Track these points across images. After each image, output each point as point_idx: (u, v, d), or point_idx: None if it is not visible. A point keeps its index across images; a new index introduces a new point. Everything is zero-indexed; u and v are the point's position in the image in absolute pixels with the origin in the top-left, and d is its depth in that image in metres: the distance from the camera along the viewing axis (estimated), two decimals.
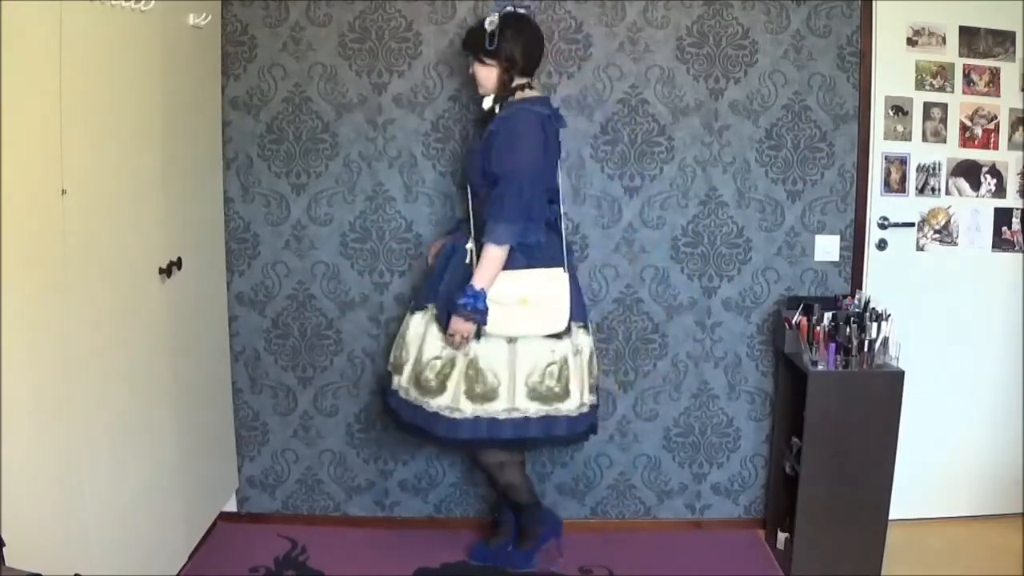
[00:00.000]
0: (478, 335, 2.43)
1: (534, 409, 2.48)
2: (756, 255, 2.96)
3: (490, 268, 2.40)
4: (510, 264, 2.43)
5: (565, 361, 2.50)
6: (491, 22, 2.40)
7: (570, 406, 2.51)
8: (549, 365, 2.48)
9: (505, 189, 2.36)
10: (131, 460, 2.20)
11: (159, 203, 2.35)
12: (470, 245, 2.50)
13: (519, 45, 2.44)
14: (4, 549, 1.49)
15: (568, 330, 2.50)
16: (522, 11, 2.49)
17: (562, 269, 2.50)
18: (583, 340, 2.58)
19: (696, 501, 3.10)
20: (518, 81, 2.49)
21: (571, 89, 2.86)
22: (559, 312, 2.47)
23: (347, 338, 2.99)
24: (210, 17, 2.60)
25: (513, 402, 2.47)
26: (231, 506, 3.07)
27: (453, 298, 2.40)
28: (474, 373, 2.46)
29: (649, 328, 2.99)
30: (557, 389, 2.48)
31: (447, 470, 3.06)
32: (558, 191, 2.56)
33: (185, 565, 2.64)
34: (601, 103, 2.87)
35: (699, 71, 2.86)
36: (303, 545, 2.91)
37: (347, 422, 3.04)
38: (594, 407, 2.64)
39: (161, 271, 2.33)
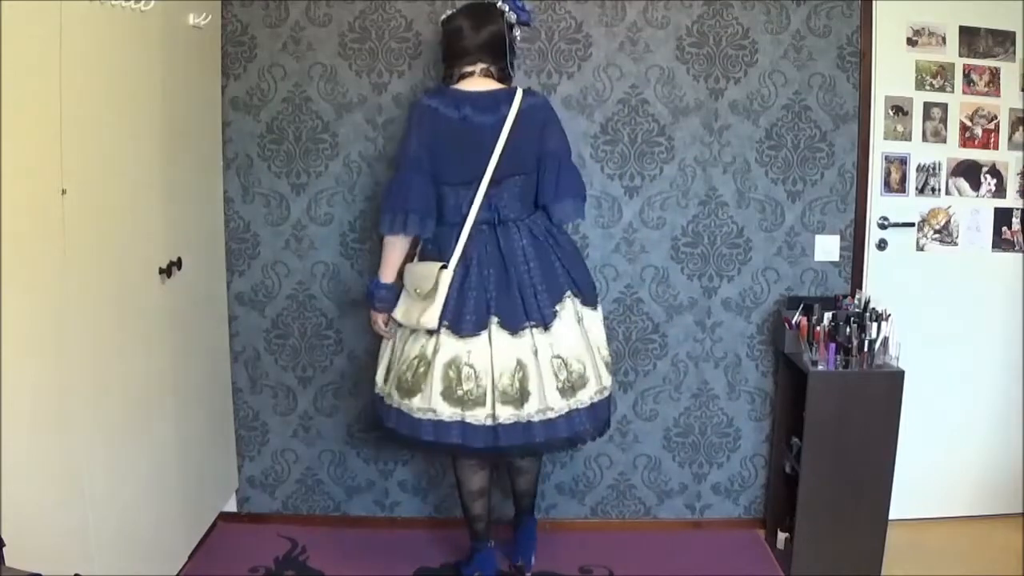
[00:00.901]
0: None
1: (506, 414, 2.32)
2: (756, 255, 2.96)
3: (383, 256, 2.45)
4: (420, 255, 2.46)
5: (519, 363, 2.32)
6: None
7: (529, 410, 2.32)
8: (516, 366, 2.33)
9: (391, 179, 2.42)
10: (131, 460, 2.20)
11: (159, 203, 2.35)
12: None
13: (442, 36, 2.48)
14: (4, 549, 1.49)
15: (522, 328, 2.33)
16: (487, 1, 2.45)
17: (440, 264, 2.34)
18: (541, 340, 2.34)
19: (696, 501, 3.10)
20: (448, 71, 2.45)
21: (571, 89, 2.86)
22: (431, 308, 2.31)
23: (347, 338, 2.99)
24: (210, 17, 2.60)
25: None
26: (231, 506, 3.07)
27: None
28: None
29: (649, 328, 2.99)
30: (511, 392, 2.32)
31: (447, 470, 3.06)
32: (469, 183, 2.35)
33: (185, 565, 2.64)
34: (601, 103, 2.87)
35: (699, 71, 2.86)
36: (303, 545, 2.91)
37: (347, 422, 3.04)
38: (569, 413, 2.37)
39: (161, 271, 2.33)
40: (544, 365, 2.34)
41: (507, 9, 2.42)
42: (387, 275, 2.44)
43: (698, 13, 2.84)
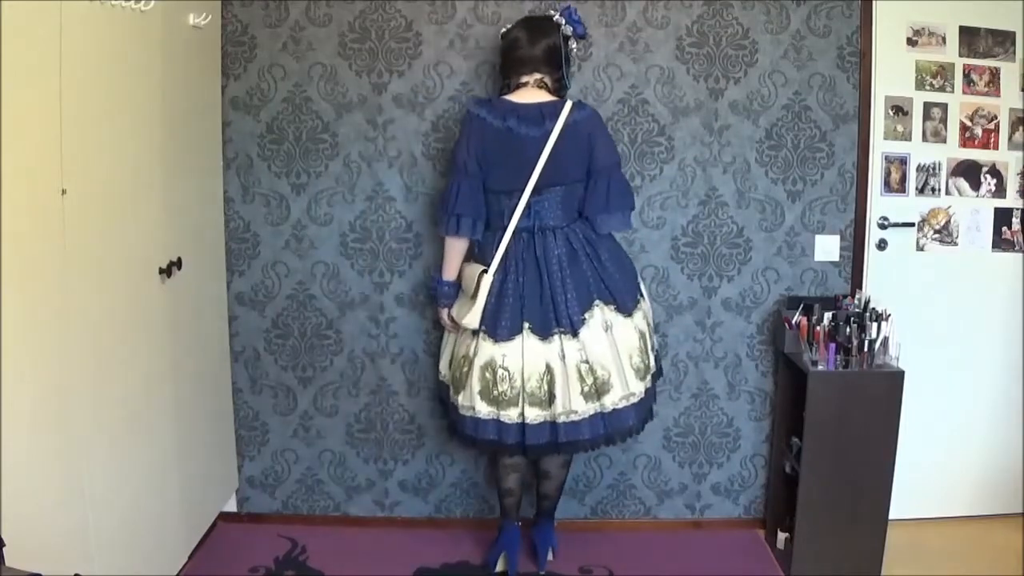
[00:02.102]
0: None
1: (533, 415, 2.45)
2: (756, 255, 2.96)
3: (444, 254, 2.61)
4: (472, 258, 2.61)
5: (548, 367, 2.45)
6: None
7: (555, 411, 2.45)
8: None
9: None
10: (131, 460, 2.19)
11: (159, 203, 2.35)
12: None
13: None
14: (4, 549, 1.49)
15: (551, 334, 2.45)
16: (544, 14, 2.62)
17: (481, 267, 2.50)
18: (569, 346, 2.45)
19: (696, 501, 3.10)
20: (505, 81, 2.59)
21: (571, 89, 2.85)
22: (474, 310, 2.47)
23: (347, 338, 2.99)
24: (210, 17, 2.60)
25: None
26: (231, 506, 3.07)
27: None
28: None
29: None
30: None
31: (447, 470, 3.07)
32: (510, 192, 2.47)
33: (185, 565, 2.64)
34: (601, 103, 2.87)
35: (699, 71, 2.86)
36: (303, 545, 2.91)
37: (347, 422, 3.04)
38: (592, 417, 2.47)
39: (161, 271, 2.33)
40: (571, 370, 2.45)
41: (564, 23, 2.53)
42: (447, 273, 2.62)
43: (698, 13, 2.84)
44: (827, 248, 2.96)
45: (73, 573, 1.73)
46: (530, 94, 2.48)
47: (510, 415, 2.46)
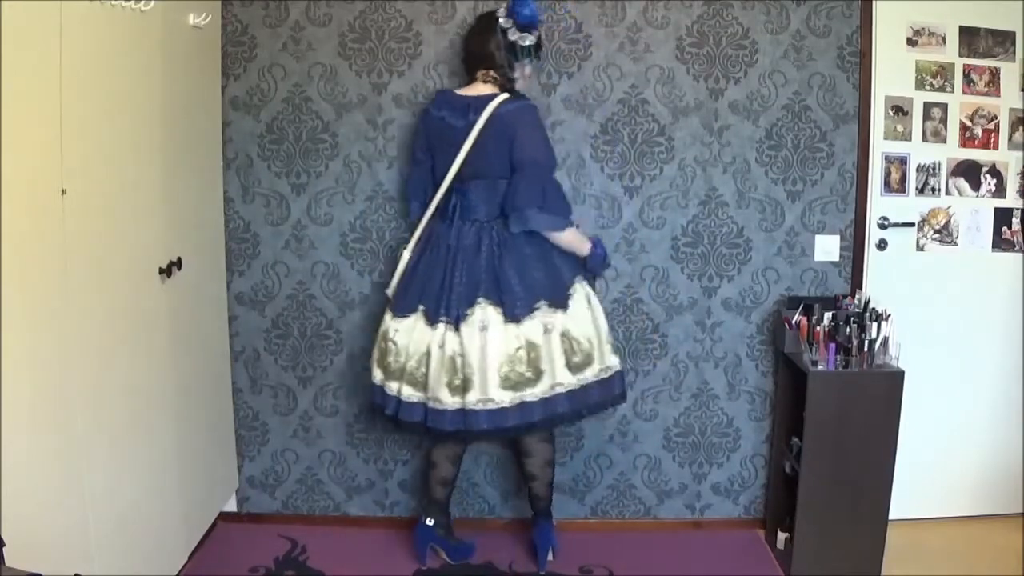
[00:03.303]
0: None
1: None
2: (756, 255, 2.96)
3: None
4: None
5: (428, 351, 2.48)
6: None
7: (427, 394, 2.49)
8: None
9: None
10: (131, 460, 2.20)
11: (159, 203, 2.35)
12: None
13: None
14: (4, 549, 1.49)
15: (438, 321, 2.48)
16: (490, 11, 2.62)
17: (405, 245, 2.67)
18: (449, 337, 2.47)
19: (696, 501, 3.10)
20: None
21: (571, 89, 2.86)
22: (392, 281, 2.67)
23: (347, 338, 2.99)
24: (210, 17, 2.60)
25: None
26: (231, 506, 3.07)
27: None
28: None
29: (649, 328, 2.99)
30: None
31: None
32: (444, 180, 2.56)
33: (185, 565, 2.64)
34: (601, 103, 2.87)
35: (699, 71, 2.86)
36: (303, 545, 2.91)
37: (347, 422, 3.04)
38: (457, 410, 2.47)
39: (161, 271, 2.33)
40: (445, 361, 2.48)
41: (503, 17, 2.51)
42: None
43: (698, 13, 2.84)
44: (827, 248, 2.96)
45: (73, 573, 1.73)
46: (475, 88, 2.54)
47: (391, 387, 2.56)
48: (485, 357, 2.44)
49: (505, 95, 2.48)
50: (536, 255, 2.52)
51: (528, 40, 2.52)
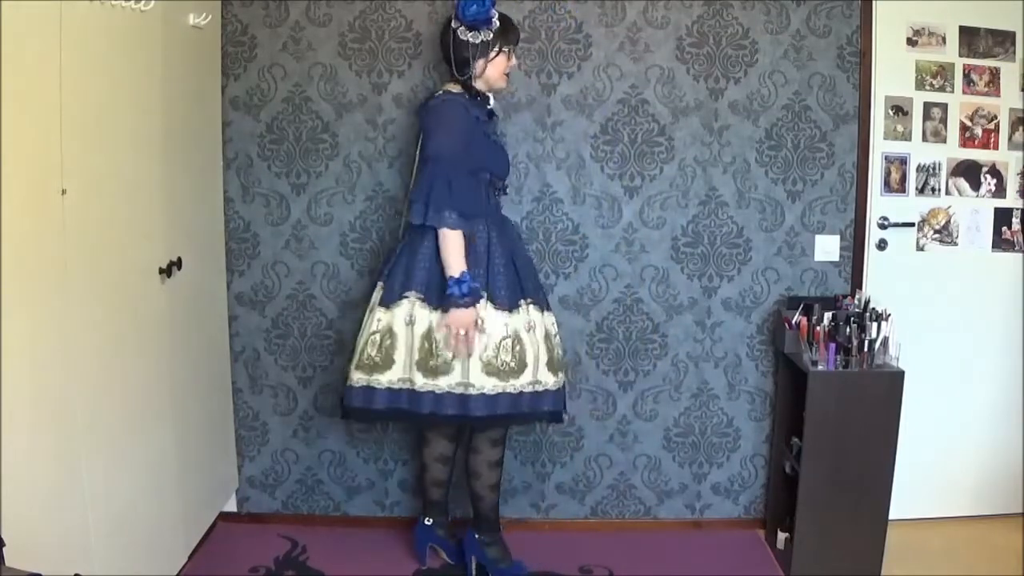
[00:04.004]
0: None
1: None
2: (756, 255, 2.96)
3: None
4: None
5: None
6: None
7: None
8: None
9: None
10: (131, 460, 2.19)
11: (159, 203, 2.35)
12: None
13: None
14: (4, 549, 1.49)
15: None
16: None
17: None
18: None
19: (696, 501, 3.10)
20: None
21: (571, 89, 2.86)
22: None
23: (347, 338, 2.98)
24: (210, 17, 2.60)
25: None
26: (231, 506, 3.07)
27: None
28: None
29: (649, 328, 2.99)
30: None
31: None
32: None
33: (185, 565, 2.63)
34: (601, 103, 2.87)
35: (699, 71, 2.86)
36: (303, 545, 2.91)
37: (347, 422, 3.04)
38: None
39: (161, 271, 2.33)
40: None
41: (453, 18, 2.47)
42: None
43: (698, 13, 2.84)
44: (827, 248, 2.96)
45: (73, 573, 1.73)
46: (446, 86, 2.53)
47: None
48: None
49: (444, 91, 2.48)
50: (430, 248, 2.50)
51: (479, 37, 2.45)
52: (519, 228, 2.87)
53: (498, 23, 2.47)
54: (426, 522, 2.79)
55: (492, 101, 2.60)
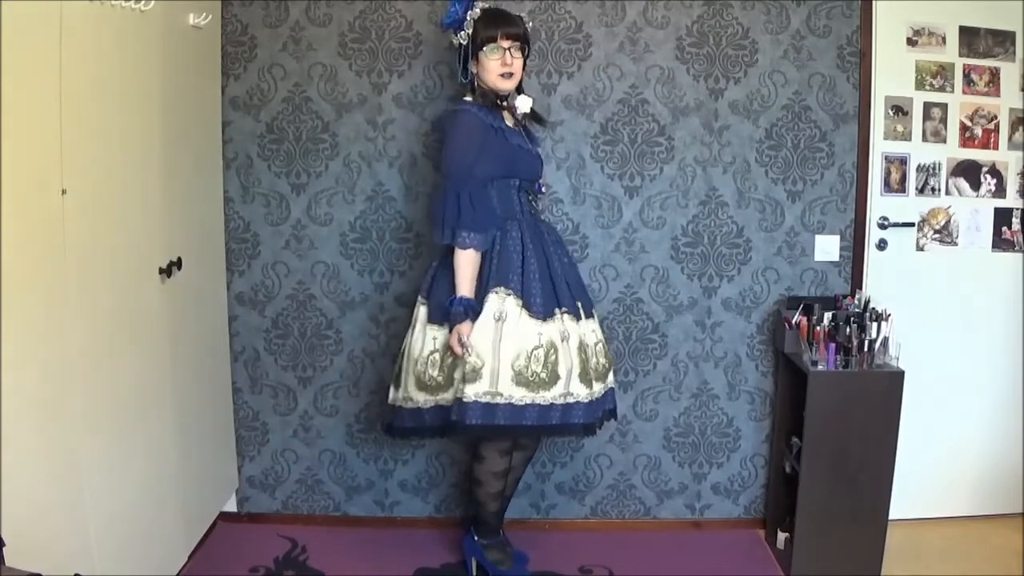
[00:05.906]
0: None
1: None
2: (756, 255, 2.96)
3: None
4: None
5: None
6: (526, 17, 2.49)
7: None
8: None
9: None
10: (131, 460, 2.20)
11: (159, 203, 2.35)
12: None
13: None
14: (4, 549, 1.49)
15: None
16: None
17: None
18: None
19: (696, 501, 3.10)
20: None
21: (571, 89, 2.86)
22: None
23: (347, 338, 2.99)
24: (210, 17, 2.60)
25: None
26: (231, 506, 3.07)
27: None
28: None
29: (649, 328, 2.99)
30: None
31: (447, 470, 3.06)
32: None
33: (185, 565, 2.63)
34: (601, 103, 2.87)
35: (699, 71, 2.86)
36: (303, 545, 2.91)
37: (347, 422, 3.04)
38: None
39: (161, 271, 2.33)
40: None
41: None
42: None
43: (698, 13, 2.84)
44: (827, 248, 2.96)
45: (73, 573, 1.73)
46: (465, 96, 2.50)
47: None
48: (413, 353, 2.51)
49: (460, 102, 2.46)
50: (446, 264, 2.46)
51: (460, 41, 2.42)
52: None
53: (472, 25, 2.38)
54: (476, 539, 2.70)
55: (523, 104, 2.51)
